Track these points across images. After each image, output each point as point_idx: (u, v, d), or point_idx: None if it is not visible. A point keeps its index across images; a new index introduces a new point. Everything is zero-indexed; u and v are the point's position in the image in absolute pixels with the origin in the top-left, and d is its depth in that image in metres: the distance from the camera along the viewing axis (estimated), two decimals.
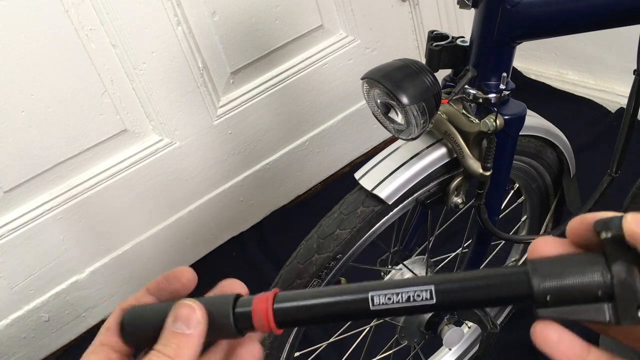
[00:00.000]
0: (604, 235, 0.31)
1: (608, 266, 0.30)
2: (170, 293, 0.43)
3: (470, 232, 1.03)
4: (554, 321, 0.33)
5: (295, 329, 0.91)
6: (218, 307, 0.39)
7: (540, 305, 0.32)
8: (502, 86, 0.78)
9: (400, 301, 0.35)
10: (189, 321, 0.38)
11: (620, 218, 0.30)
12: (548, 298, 0.32)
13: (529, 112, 0.84)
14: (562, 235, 0.34)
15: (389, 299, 0.35)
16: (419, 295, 0.35)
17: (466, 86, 0.79)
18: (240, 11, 1.49)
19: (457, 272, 0.43)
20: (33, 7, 1.23)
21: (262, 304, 0.38)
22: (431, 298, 0.35)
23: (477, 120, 0.80)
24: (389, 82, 0.72)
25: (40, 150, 1.36)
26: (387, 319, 1.05)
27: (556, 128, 0.97)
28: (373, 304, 0.36)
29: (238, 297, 0.40)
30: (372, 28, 1.74)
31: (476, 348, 1.24)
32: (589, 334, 0.35)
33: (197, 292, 0.44)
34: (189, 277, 0.43)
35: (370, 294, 0.36)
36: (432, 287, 0.35)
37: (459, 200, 0.88)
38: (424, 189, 0.87)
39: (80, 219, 1.47)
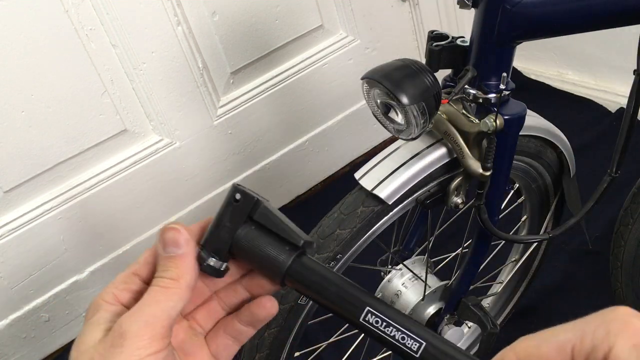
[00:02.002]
0: None
1: None
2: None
3: (470, 232, 1.03)
4: None
5: (296, 328, 0.90)
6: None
7: None
8: (502, 86, 0.78)
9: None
10: (178, 243, 0.40)
11: None
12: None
13: (529, 112, 0.84)
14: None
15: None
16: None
17: (466, 86, 0.79)
18: (240, 11, 1.49)
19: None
20: (33, 7, 1.23)
21: None
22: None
23: (477, 120, 0.80)
24: (389, 82, 0.72)
25: (40, 150, 1.35)
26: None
27: (556, 128, 0.97)
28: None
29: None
30: (372, 28, 1.74)
31: (476, 348, 1.24)
32: None
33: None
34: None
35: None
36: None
37: (459, 200, 0.88)
38: (424, 189, 0.87)
39: (80, 219, 1.47)
